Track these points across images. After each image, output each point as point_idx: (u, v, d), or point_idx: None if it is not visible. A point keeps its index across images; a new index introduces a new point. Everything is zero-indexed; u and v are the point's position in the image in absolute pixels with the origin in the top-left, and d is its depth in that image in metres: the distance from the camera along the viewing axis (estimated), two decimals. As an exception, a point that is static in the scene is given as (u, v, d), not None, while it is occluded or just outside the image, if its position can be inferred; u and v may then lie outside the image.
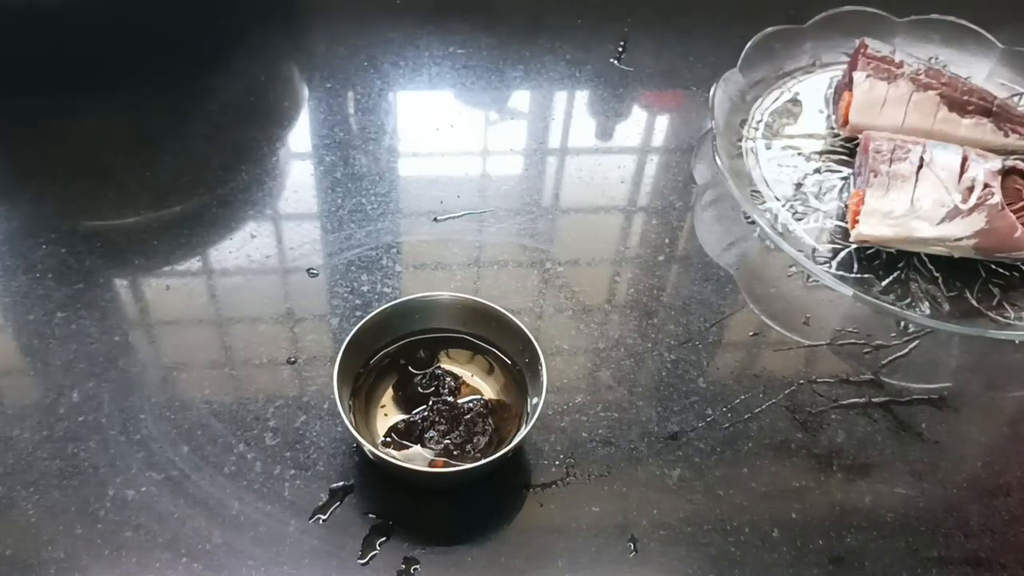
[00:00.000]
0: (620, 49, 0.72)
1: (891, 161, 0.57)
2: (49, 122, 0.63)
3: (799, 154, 0.63)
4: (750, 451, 0.48)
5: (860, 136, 0.60)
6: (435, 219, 0.59)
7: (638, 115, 0.68)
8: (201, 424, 0.47)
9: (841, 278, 0.55)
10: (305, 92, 0.68)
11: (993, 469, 0.48)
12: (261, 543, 0.43)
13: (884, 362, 0.53)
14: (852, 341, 0.54)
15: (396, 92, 0.68)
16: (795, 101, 0.67)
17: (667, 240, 0.59)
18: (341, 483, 0.45)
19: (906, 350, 0.53)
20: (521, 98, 0.69)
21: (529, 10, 0.75)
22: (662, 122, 0.68)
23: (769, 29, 0.67)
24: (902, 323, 0.54)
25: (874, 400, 0.51)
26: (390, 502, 0.44)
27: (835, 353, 0.53)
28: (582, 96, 0.69)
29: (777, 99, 0.67)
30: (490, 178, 0.62)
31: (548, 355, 0.51)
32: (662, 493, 0.46)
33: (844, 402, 0.50)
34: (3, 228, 0.56)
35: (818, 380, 0.51)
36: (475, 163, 0.64)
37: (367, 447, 0.42)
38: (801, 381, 0.51)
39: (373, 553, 0.43)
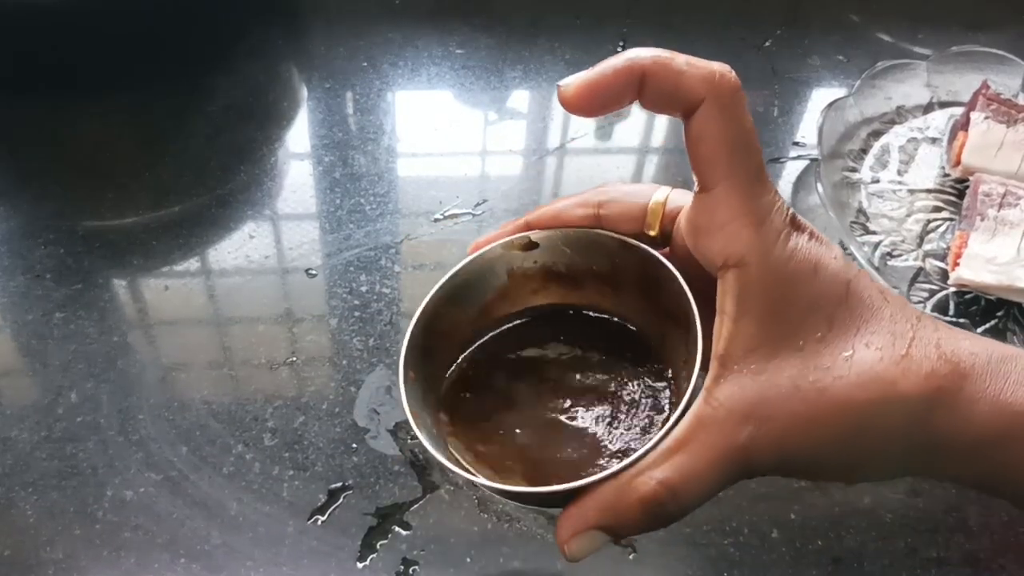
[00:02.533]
0: (619, 49, 0.72)
1: (1000, 206, 0.55)
2: (48, 122, 0.63)
3: (906, 190, 0.61)
4: (749, 452, 0.48)
5: (971, 178, 0.59)
6: (434, 219, 0.59)
7: (637, 115, 0.68)
8: (200, 425, 0.47)
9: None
10: (304, 92, 0.68)
11: (992, 470, 0.48)
12: (260, 544, 0.43)
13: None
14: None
15: (395, 92, 0.68)
16: (909, 137, 0.64)
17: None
18: (340, 484, 0.45)
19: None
20: (520, 98, 0.69)
21: (528, 10, 0.75)
22: (661, 122, 0.68)
23: (886, 62, 0.65)
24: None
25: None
26: (389, 503, 0.44)
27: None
28: (581, 96, 0.69)
29: (889, 132, 0.64)
30: (489, 178, 0.62)
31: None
32: (661, 494, 0.46)
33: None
34: (2, 228, 0.56)
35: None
36: (474, 163, 0.64)
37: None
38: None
39: (372, 554, 0.43)
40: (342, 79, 0.68)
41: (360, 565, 0.42)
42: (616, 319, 0.33)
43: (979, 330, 0.54)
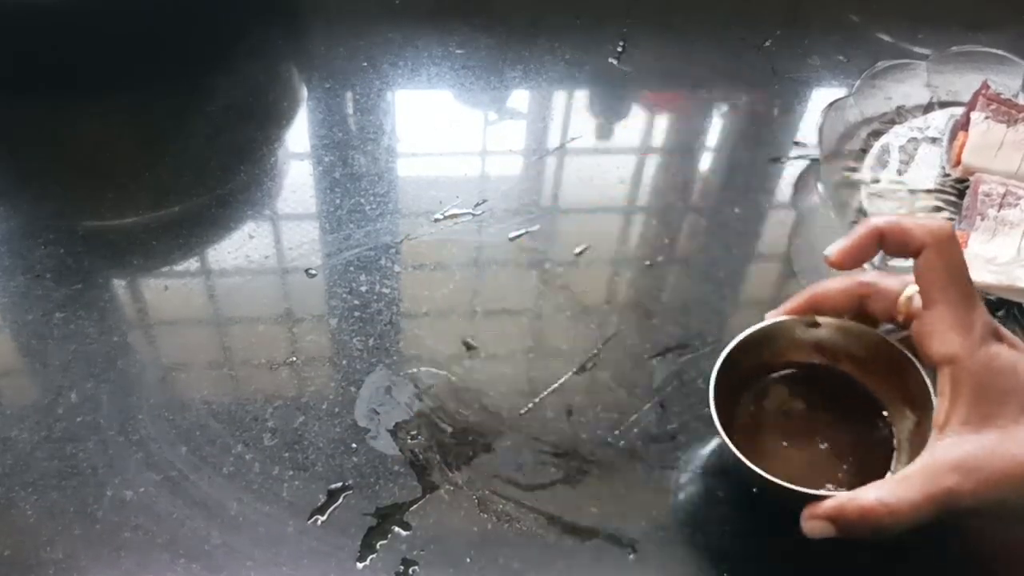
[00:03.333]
0: (619, 49, 0.72)
1: (1000, 206, 0.55)
2: (48, 122, 0.63)
3: (906, 190, 0.61)
4: (749, 452, 0.48)
5: (971, 178, 0.59)
6: (434, 219, 0.59)
7: (637, 115, 0.68)
8: (200, 424, 0.47)
9: None
10: (304, 92, 0.68)
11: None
12: (259, 544, 0.43)
13: (883, 363, 0.53)
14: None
15: (395, 92, 0.68)
16: (909, 137, 0.64)
17: (667, 240, 0.59)
18: (340, 484, 0.45)
19: (905, 351, 0.53)
20: (520, 98, 0.69)
21: (528, 10, 0.75)
22: (661, 122, 0.68)
23: (886, 62, 0.65)
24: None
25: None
26: (388, 503, 0.44)
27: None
28: (581, 96, 0.69)
29: (889, 132, 0.64)
30: (489, 178, 0.62)
31: (546, 356, 0.52)
32: (662, 494, 0.46)
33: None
34: (2, 228, 0.56)
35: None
36: (474, 163, 0.64)
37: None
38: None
39: (372, 554, 0.43)
40: (342, 79, 0.68)
41: (360, 565, 0.42)
42: (860, 385, 0.45)
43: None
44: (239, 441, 0.47)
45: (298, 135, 0.65)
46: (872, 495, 0.36)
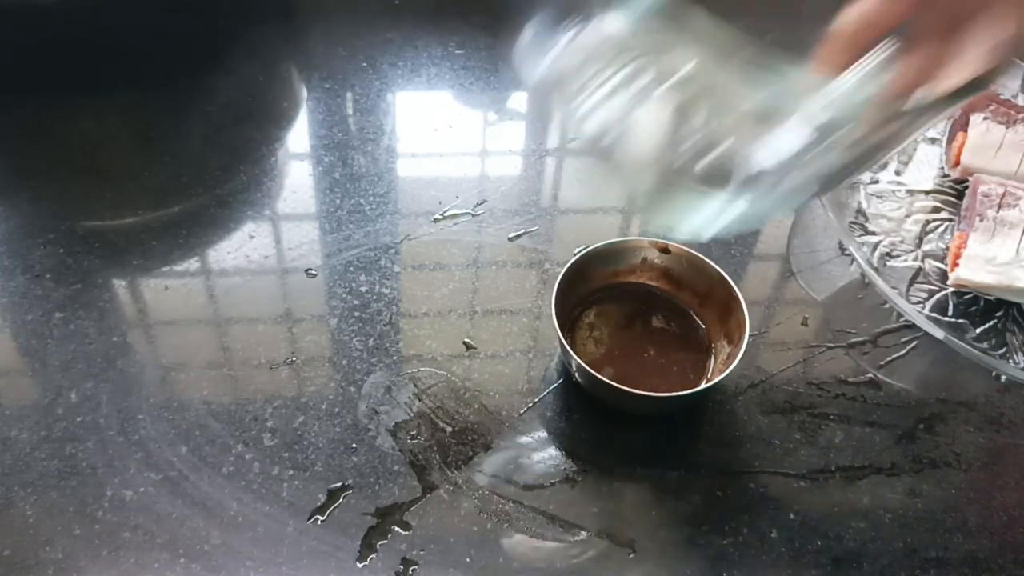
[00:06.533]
0: (619, 50, 0.72)
1: (999, 207, 0.56)
2: (47, 122, 0.63)
3: (905, 190, 0.61)
4: (748, 452, 0.48)
5: (970, 178, 0.59)
6: (434, 220, 0.59)
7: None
8: (199, 424, 0.47)
9: (934, 320, 0.53)
10: (304, 92, 0.68)
11: (992, 470, 0.48)
12: (259, 543, 0.43)
13: (883, 363, 0.53)
14: (851, 342, 0.54)
15: (395, 93, 0.68)
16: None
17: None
18: (339, 483, 0.45)
19: (904, 351, 0.53)
20: (520, 98, 0.69)
21: (528, 10, 0.75)
22: (661, 123, 0.68)
23: None
24: (900, 325, 0.54)
25: (872, 401, 0.51)
26: (388, 503, 0.44)
27: (833, 354, 0.53)
28: (581, 97, 0.69)
29: None
30: (488, 179, 0.62)
31: (545, 356, 0.52)
32: (661, 494, 0.46)
33: (843, 403, 0.51)
34: (1, 228, 0.56)
35: (816, 381, 0.51)
36: (474, 164, 0.64)
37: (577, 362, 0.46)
38: (799, 381, 0.51)
39: (372, 554, 0.43)
40: (342, 79, 0.68)
41: (360, 565, 0.42)
42: (690, 312, 0.52)
43: (978, 330, 0.54)
44: (239, 441, 0.47)
45: (298, 135, 0.65)
46: None
